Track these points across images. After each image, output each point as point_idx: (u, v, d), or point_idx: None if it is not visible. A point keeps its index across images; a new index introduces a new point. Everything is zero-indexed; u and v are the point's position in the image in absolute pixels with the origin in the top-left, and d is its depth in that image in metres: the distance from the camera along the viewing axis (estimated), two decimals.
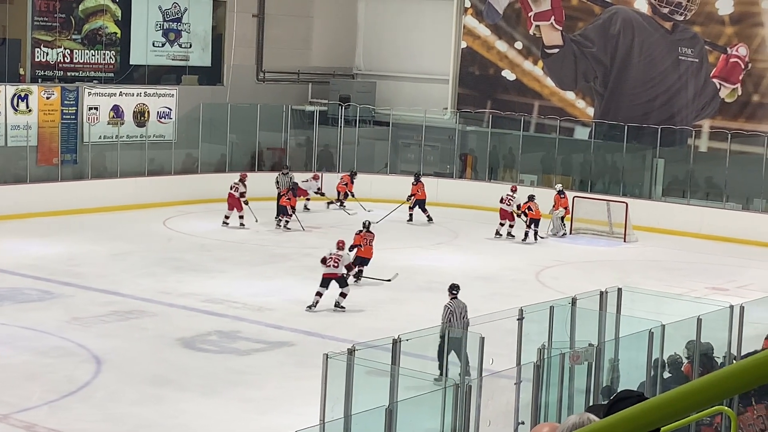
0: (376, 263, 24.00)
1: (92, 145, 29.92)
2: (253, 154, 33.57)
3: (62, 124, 29.67)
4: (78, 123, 30.02)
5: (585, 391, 12.60)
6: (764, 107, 29.91)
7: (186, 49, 33.18)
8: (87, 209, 28.32)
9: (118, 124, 30.71)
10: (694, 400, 2.25)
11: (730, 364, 2.10)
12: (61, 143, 29.59)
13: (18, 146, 28.64)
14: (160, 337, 17.50)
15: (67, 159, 29.78)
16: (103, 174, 29.94)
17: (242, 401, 14.63)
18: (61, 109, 29.69)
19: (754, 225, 28.59)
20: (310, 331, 18.27)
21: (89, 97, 30.22)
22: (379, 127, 35.10)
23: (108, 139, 30.46)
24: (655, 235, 28.66)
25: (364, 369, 11.46)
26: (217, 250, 24.83)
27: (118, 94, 30.95)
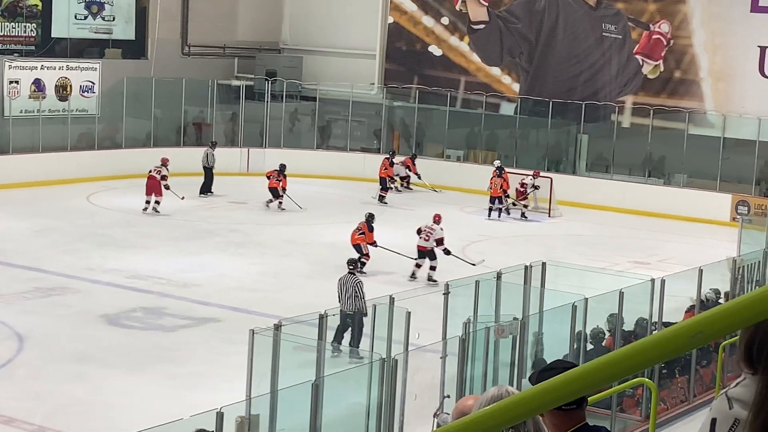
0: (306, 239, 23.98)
1: (13, 120, 29.35)
2: (179, 129, 33.23)
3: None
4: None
5: (510, 365, 12.73)
6: (686, 83, 30.36)
7: (109, 22, 32.66)
8: (8, 184, 27.79)
9: (39, 98, 30.14)
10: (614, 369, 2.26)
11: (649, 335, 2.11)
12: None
13: None
14: (84, 313, 17.28)
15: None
16: (25, 149, 29.40)
17: (168, 378, 14.53)
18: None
19: (675, 200, 29.06)
20: (236, 307, 18.19)
21: (9, 71, 29.61)
22: (306, 102, 34.96)
23: (29, 114, 29.90)
24: (579, 210, 28.99)
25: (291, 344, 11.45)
26: (141, 226, 24.57)
27: (39, 67, 30.38)
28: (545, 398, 2.27)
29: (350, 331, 15.08)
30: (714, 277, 15.80)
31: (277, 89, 34.04)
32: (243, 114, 33.86)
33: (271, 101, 33.95)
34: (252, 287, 19.61)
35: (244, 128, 33.80)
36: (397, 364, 11.18)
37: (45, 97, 30.29)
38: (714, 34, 29.76)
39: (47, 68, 30.55)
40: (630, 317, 14.15)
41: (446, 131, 33.29)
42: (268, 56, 35.75)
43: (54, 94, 30.66)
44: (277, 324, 11.23)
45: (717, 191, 28.84)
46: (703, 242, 24.89)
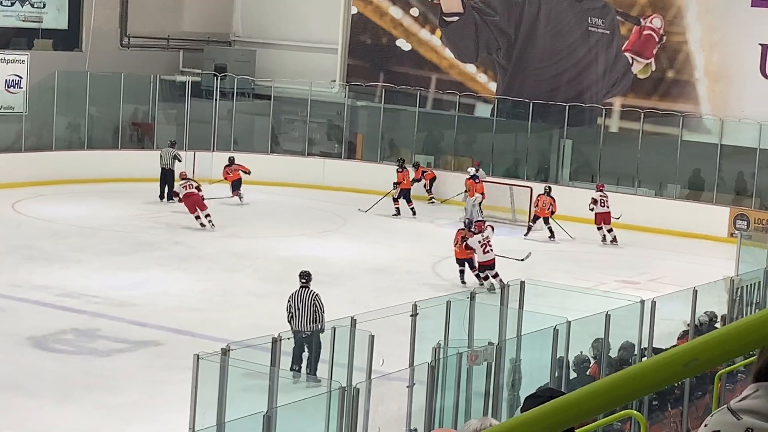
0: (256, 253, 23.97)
1: None
2: (116, 130, 33.08)
3: None
4: None
5: (484, 395, 12.77)
6: (679, 84, 30.62)
7: (39, 9, 32.48)
8: None
9: None
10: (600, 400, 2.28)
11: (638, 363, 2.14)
12: None
13: None
14: (8, 335, 17.16)
15: None
16: None
17: (102, 408, 14.45)
18: None
19: (668, 213, 29.28)
20: (179, 329, 18.13)
21: None
22: (260, 101, 34.93)
23: None
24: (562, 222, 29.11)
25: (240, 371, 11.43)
26: (73, 238, 24.43)
27: None
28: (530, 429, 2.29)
29: (306, 354, 15.11)
30: (710, 299, 15.93)
31: (227, 86, 33.99)
32: (189, 113, 33.77)
33: (221, 99, 33.90)
34: (196, 307, 19.55)
35: (190, 129, 33.71)
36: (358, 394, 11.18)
37: None
38: (711, 30, 30.06)
39: None
40: (617, 342, 14.23)
41: (415, 134, 33.36)
42: (218, 49, 35.71)
43: None
44: (224, 348, 11.20)
45: (714, 203, 29.11)
46: (698, 260, 25.09)
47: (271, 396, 11.04)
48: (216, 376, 11.00)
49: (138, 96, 33.38)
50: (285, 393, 11.18)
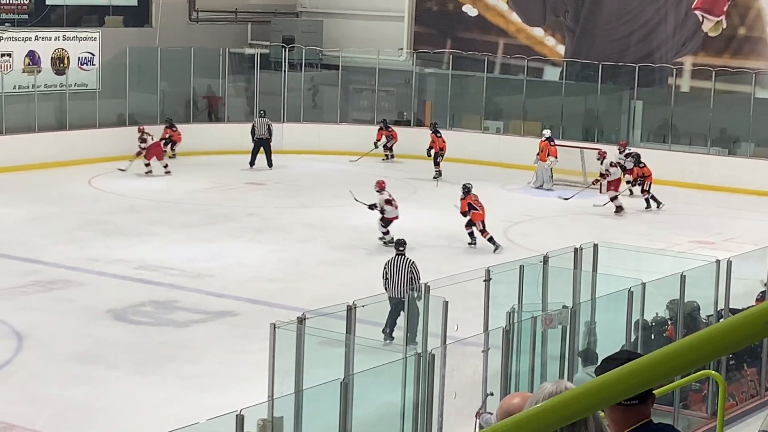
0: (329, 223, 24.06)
1: (5, 96, 29.51)
2: (187, 104, 33.32)
3: None
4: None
5: (559, 358, 12.71)
6: (751, 41, 30.10)
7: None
8: (1, 168, 27.99)
9: (34, 72, 30.30)
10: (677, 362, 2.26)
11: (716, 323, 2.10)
12: None
13: None
14: (88, 309, 17.41)
15: None
16: (19, 128, 29.58)
17: (181, 378, 14.62)
18: None
19: (742, 171, 28.88)
20: (255, 299, 18.27)
21: (1, 43, 29.76)
22: (328, 71, 34.94)
23: (23, 90, 30.06)
24: None
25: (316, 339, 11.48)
26: (149, 212, 24.68)
27: (33, 38, 30.51)
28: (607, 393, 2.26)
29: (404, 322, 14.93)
30: None
31: (295, 57, 34.04)
32: (258, 86, 33.90)
33: (289, 71, 33.96)
34: (271, 277, 19.68)
35: (260, 101, 33.84)
36: (434, 360, 11.18)
37: (40, 70, 30.43)
38: None
39: (42, 39, 30.68)
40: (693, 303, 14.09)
41: (484, 100, 33.19)
42: (285, 21, 35.74)
43: (50, 67, 30.81)
44: (300, 317, 11.25)
45: None
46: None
47: (347, 363, 11.07)
48: (292, 344, 11.05)
49: (208, 70, 33.55)
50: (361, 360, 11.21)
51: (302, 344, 11.06)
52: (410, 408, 11.20)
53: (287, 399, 10.67)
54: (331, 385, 10.40)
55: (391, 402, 11.54)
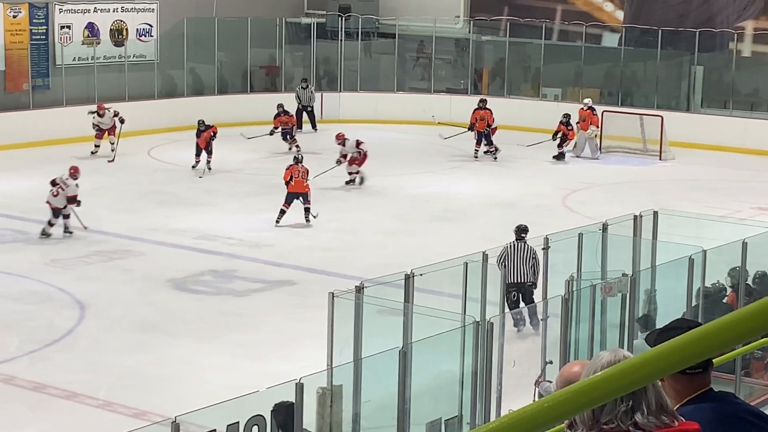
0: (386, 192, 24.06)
1: (65, 68, 29.76)
2: (244, 74, 33.40)
3: (31, 46, 29.49)
4: (49, 44, 29.83)
5: (618, 326, 12.64)
6: None
7: None
8: (61, 139, 28.25)
9: (93, 44, 30.51)
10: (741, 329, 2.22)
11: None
12: (31, 67, 29.45)
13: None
14: (148, 278, 17.56)
15: (39, 84, 29.64)
16: (79, 100, 29.82)
17: (240, 346, 14.71)
18: (29, 29, 29.50)
19: None
20: (312, 268, 18.32)
21: (60, 15, 29.99)
22: (384, 40, 34.83)
23: (83, 61, 30.29)
24: (694, 151, 28.53)
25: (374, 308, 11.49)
26: (207, 182, 24.82)
27: (92, 10, 30.71)
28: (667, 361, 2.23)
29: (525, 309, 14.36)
30: None
31: (351, 26, 33.97)
32: (315, 55, 33.89)
33: (346, 40, 33.91)
34: (328, 246, 19.73)
35: (317, 71, 33.83)
36: (492, 328, 11.15)
37: (99, 42, 30.64)
38: None
39: (101, 11, 30.88)
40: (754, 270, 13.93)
41: (542, 67, 32.94)
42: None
43: (109, 39, 31.01)
44: (358, 286, 11.26)
45: None
46: None
47: (406, 332, 11.08)
48: (351, 313, 11.07)
49: (265, 39, 33.58)
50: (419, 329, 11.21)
51: (360, 313, 11.08)
52: (469, 376, 11.19)
53: (346, 367, 10.70)
54: (390, 353, 10.40)
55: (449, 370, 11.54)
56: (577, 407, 2.43)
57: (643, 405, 2.99)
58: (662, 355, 2.29)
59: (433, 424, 10.73)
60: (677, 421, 3.05)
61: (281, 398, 9.29)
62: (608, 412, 2.99)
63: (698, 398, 3.65)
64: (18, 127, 28.07)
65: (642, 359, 2.33)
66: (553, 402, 2.32)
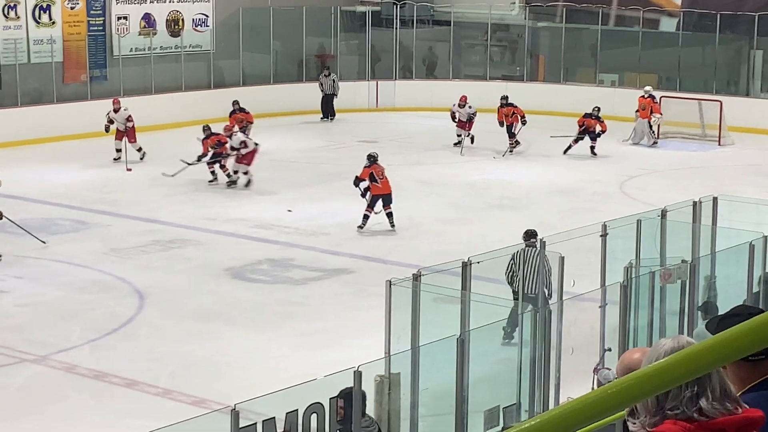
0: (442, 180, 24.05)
1: (123, 59, 30.02)
2: (300, 63, 33.49)
3: (89, 37, 29.78)
4: (106, 35, 30.11)
5: (678, 313, 12.56)
6: None
7: None
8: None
9: (150, 35, 30.74)
10: None
11: None
12: (88, 58, 29.75)
13: (42, 63, 28.83)
14: (206, 267, 17.69)
15: (96, 75, 29.93)
16: (136, 90, 30.07)
17: (297, 335, 14.78)
18: (87, 20, 29.79)
19: None
20: (369, 257, 18.36)
21: (117, 6, 30.24)
22: (440, 28, 34.77)
23: (140, 52, 30.53)
24: (754, 135, 28.24)
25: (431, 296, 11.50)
26: (264, 170, 24.90)
27: (149, 1, 30.94)
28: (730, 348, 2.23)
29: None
30: None
31: (406, 14, 33.93)
32: (370, 43, 33.90)
33: (401, 28, 33.88)
34: (385, 234, 19.76)
35: (372, 59, 33.85)
36: (550, 315, 11.13)
37: (156, 33, 30.87)
38: None
39: (157, 2, 31.09)
40: None
41: (598, 53, 32.71)
42: None
43: (165, 29, 31.23)
44: (416, 274, 11.27)
45: None
46: None
47: (463, 319, 11.08)
48: (408, 301, 11.09)
49: (320, 28, 33.64)
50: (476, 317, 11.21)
51: (418, 301, 11.09)
52: (527, 364, 11.18)
53: (404, 355, 10.72)
54: (448, 341, 10.42)
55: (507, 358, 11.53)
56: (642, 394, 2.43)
57: (708, 391, 2.98)
58: (724, 342, 2.29)
59: (491, 412, 10.74)
60: (741, 408, 3.03)
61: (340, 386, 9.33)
62: (673, 398, 2.98)
63: (761, 385, 3.62)
64: (76, 117, 28.34)
65: (704, 346, 2.32)
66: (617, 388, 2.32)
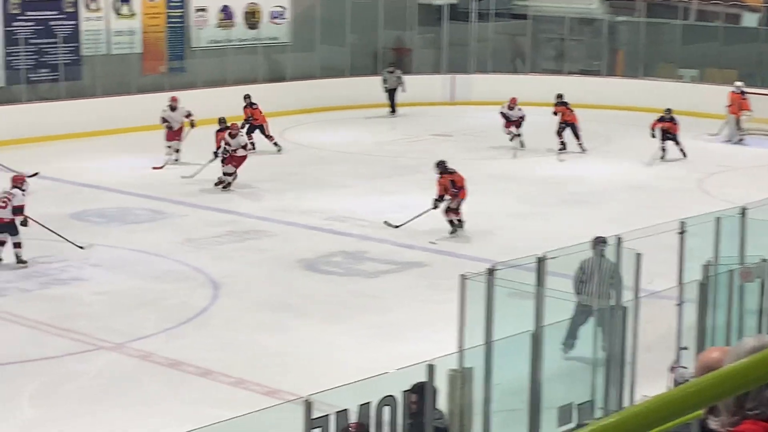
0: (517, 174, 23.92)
1: (201, 51, 30.27)
2: (375, 56, 33.51)
3: (168, 29, 30.07)
4: (185, 27, 30.37)
5: (758, 312, 12.36)
6: None
7: None
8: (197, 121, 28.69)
9: (228, 27, 30.96)
10: None
11: None
12: (167, 50, 30.03)
13: (121, 54, 29.17)
14: (280, 258, 17.77)
15: (174, 67, 30.21)
16: (213, 82, 30.29)
17: (370, 327, 14.80)
18: (166, 12, 30.07)
19: None
20: (442, 250, 18.32)
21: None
22: (517, 21, 34.58)
23: (218, 44, 30.76)
24: None
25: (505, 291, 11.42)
26: (338, 163, 24.99)
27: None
28: None
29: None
30: None
31: (484, 7, 33.80)
32: (446, 36, 33.81)
33: (478, 21, 33.75)
34: None
35: (448, 52, 33.76)
36: (626, 313, 11.01)
37: (234, 25, 31.08)
38: None
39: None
40: None
41: (679, 49, 32.31)
42: None
43: (243, 21, 31.43)
44: (490, 268, 11.20)
45: None
46: None
47: (538, 315, 10.99)
48: (482, 295, 11.01)
49: (396, 21, 33.63)
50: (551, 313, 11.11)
51: (492, 296, 11.01)
52: (602, 361, 11.08)
53: (477, 350, 10.66)
54: (521, 337, 10.35)
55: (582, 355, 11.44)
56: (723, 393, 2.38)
57: None
58: None
59: (564, 409, 10.66)
60: None
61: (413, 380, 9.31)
62: (753, 398, 2.93)
63: None
64: (154, 108, 28.58)
65: None
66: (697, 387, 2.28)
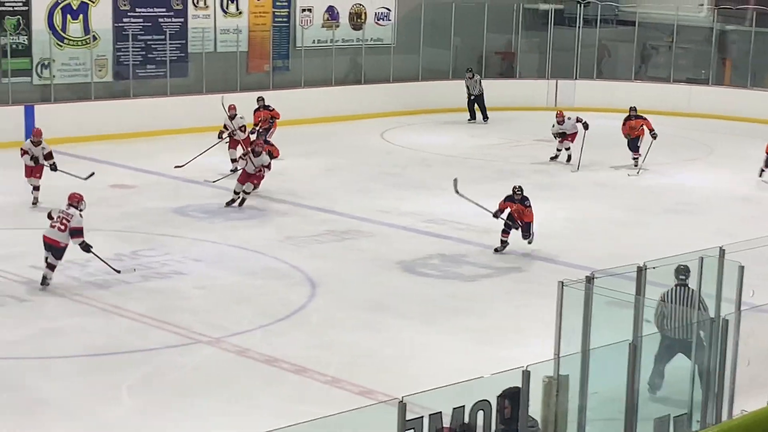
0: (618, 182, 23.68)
1: (305, 51, 30.50)
2: (480, 60, 33.43)
3: (274, 28, 30.36)
4: (290, 26, 30.64)
5: None
6: None
7: None
8: (299, 120, 28.95)
9: (333, 27, 31.14)
10: None
11: None
12: (272, 48, 30.32)
13: (228, 52, 29.52)
14: (378, 259, 17.82)
15: (279, 65, 30.49)
16: (317, 82, 30.51)
17: (465, 331, 14.76)
18: (272, 11, 30.37)
19: None
20: (540, 256, 18.21)
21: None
22: (624, 28, 34.24)
23: (322, 44, 30.97)
24: None
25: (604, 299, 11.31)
26: (439, 166, 24.99)
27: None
28: None
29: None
30: None
31: (590, 13, 33.55)
32: (551, 41, 33.61)
33: (584, 27, 33.50)
34: (558, 234, 19.56)
35: (553, 57, 33.55)
36: (728, 325, 10.82)
37: (338, 26, 31.26)
38: None
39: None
40: None
41: None
42: None
43: (348, 22, 31.60)
44: (589, 276, 11.10)
45: None
46: None
47: (636, 325, 10.86)
48: (580, 303, 10.92)
49: (501, 25, 33.53)
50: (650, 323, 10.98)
51: (590, 303, 10.91)
52: (701, 374, 10.90)
53: (573, 358, 10.57)
54: (620, 346, 10.24)
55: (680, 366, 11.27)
56: None
57: None
58: None
59: (661, 421, 10.51)
60: None
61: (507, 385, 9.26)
62: None
63: None
64: None
65: None
66: None
